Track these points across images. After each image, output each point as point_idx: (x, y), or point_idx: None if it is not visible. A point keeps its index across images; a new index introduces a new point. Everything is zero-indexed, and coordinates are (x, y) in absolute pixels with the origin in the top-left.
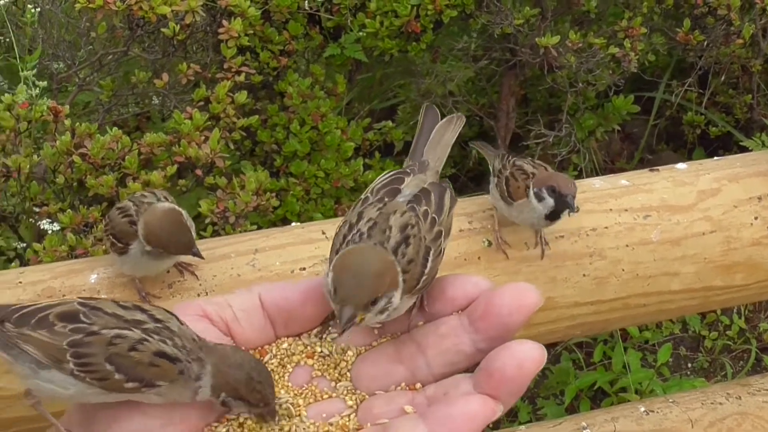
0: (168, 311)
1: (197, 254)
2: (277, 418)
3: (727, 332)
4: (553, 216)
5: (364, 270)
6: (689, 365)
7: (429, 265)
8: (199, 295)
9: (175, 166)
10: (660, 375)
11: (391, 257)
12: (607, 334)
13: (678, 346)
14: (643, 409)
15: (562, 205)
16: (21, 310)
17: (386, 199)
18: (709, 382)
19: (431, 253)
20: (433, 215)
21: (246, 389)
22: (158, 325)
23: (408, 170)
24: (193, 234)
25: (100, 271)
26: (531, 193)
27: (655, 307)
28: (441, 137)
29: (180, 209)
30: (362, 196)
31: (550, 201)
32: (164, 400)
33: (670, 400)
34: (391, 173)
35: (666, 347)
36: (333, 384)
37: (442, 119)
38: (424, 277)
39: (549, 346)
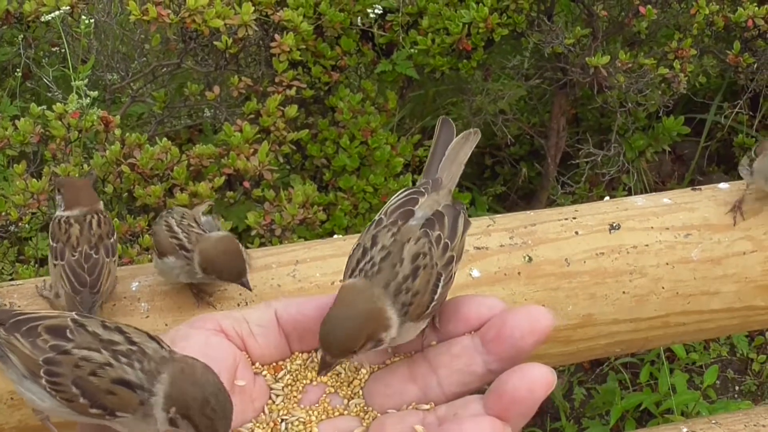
0: (150, 335)
1: (245, 284)
2: None
3: None
4: None
5: (346, 323)
6: (737, 388)
7: (439, 291)
8: (239, 304)
9: (223, 178)
10: (706, 397)
11: (381, 303)
12: (654, 354)
13: (726, 369)
14: (685, 429)
15: None
16: (18, 316)
17: (399, 223)
18: (757, 405)
19: (442, 278)
20: (446, 240)
21: (197, 411)
22: (132, 347)
23: (422, 189)
24: (248, 264)
25: (141, 279)
26: None
27: (694, 326)
28: (456, 155)
29: (234, 237)
30: (376, 218)
31: None
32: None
33: (713, 421)
34: (406, 193)
35: (713, 369)
36: (345, 401)
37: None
38: (433, 303)
39: (595, 366)
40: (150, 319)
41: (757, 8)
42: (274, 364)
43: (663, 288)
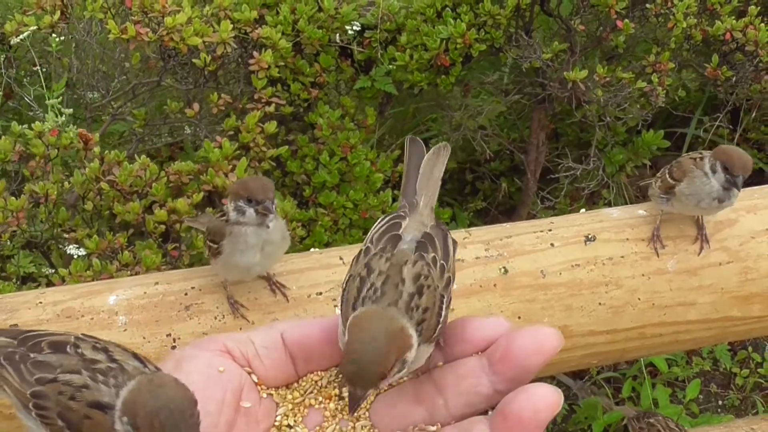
0: (138, 356)
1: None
2: None
3: (759, 370)
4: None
5: (371, 348)
6: (720, 402)
7: (443, 313)
8: (216, 317)
9: (201, 194)
10: (689, 411)
11: (401, 322)
12: (636, 369)
13: (709, 383)
14: None
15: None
16: (26, 333)
17: (390, 248)
18: (738, 419)
19: (445, 300)
20: (442, 262)
21: (144, 420)
22: (111, 365)
23: (402, 213)
24: None
25: (119, 292)
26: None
27: (671, 337)
28: (431, 172)
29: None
30: (363, 247)
31: (721, 175)
32: None
33: None
34: (387, 219)
35: (695, 383)
36: (352, 424)
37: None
38: (439, 326)
39: (577, 380)
40: (128, 332)
41: (734, 21)
42: (281, 385)
43: (639, 299)
